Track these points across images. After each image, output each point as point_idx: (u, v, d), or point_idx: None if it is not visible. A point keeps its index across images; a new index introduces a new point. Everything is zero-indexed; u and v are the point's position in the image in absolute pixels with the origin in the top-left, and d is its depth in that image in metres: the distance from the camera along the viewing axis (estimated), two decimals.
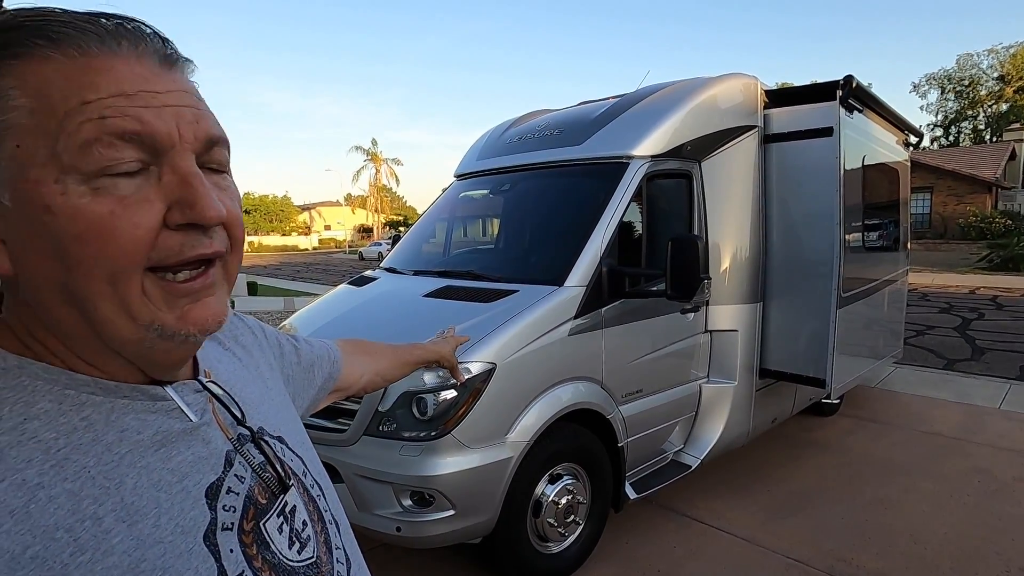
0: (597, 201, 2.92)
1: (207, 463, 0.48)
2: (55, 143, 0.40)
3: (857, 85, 3.32)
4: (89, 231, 0.41)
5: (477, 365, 2.30)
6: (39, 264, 0.42)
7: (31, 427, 0.40)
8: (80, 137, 0.40)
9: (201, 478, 0.47)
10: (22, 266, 0.42)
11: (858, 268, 3.84)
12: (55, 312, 0.44)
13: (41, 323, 0.45)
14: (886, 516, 3.26)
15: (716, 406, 3.39)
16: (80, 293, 0.42)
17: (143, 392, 0.46)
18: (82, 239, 0.41)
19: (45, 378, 0.43)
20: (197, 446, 0.48)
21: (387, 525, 2.28)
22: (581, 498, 2.70)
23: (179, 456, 0.46)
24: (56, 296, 0.43)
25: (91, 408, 0.43)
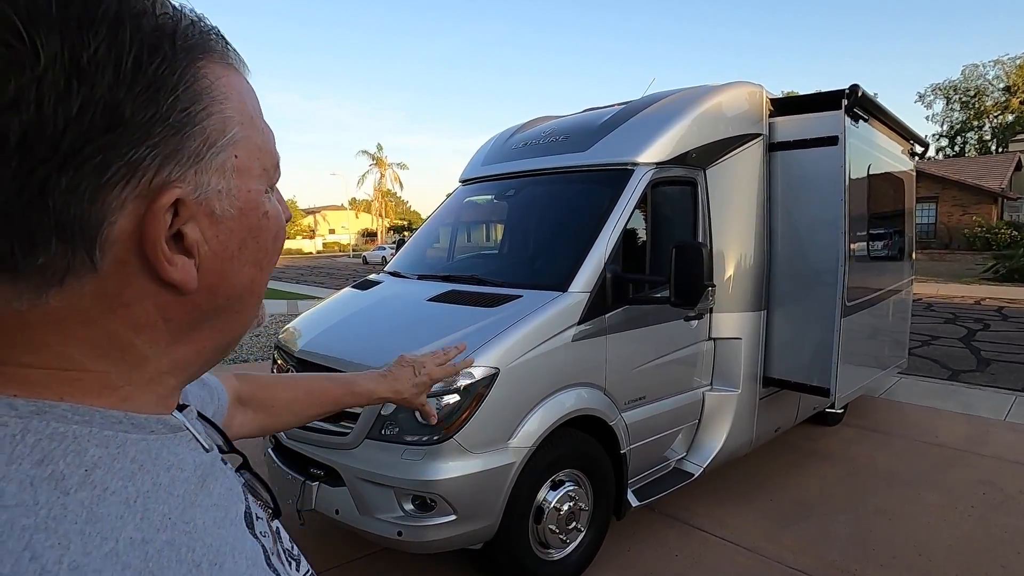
0: (602, 207, 2.93)
1: (234, 492, 0.46)
2: (264, 160, 0.44)
3: (863, 94, 3.32)
4: (280, 230, 0.46)
5: (480, 370, 2.30)
6: (241, 271, 0.43)
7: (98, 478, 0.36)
8: (277, 157, 0.46)
9: (237, 508, 0.45)
10: (213, 277, 0.41)
11: (863, 277, 3.83)
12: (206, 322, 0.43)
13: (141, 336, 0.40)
14: (890, 527, 3.24)
15: (719, 414, 3.38)
16: (258, 289, 0.45)
17: (164, 424, 0.42)
18: (278, 237, 0.46)
19: (77, 420, 0.37)
20: (221, 476, 0.45)
21: (388, 529, 2.28)
22: (583, 505, 2.69)
23: (216, 489, 0.43)
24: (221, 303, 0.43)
25: (133, 448, 0.39)
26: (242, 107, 0.42)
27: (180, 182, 0.37)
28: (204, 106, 0.38)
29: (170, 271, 0.38)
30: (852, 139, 3.37)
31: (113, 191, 0.34)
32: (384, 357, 2.40)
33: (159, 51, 0.36)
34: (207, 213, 0.39)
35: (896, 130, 4.46)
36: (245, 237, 0.42)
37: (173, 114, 0.36)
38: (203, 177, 0.39)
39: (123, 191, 0.35)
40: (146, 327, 0.40)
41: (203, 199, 0.39)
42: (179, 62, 0.37)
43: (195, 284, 0.40)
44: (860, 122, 3.55)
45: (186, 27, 0.38)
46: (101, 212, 0.34)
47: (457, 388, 2.26)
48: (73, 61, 0.32)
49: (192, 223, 0.39)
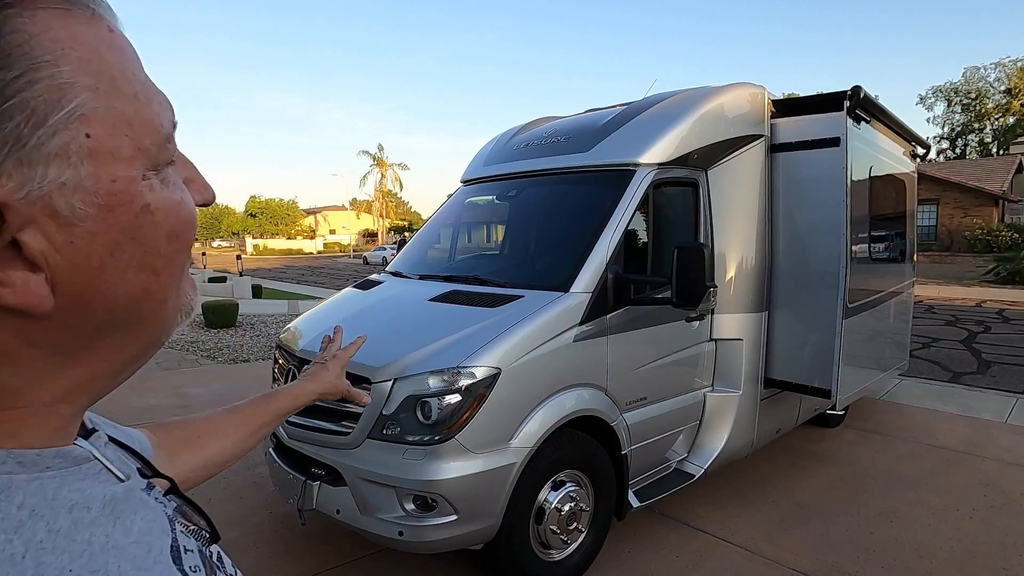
0: (603, 208, 2.93)
1: (157, 525, 0.40)
2: (138, 134, 0.34)
3: (865, 96, 3.32)
4: (179, 224, 0.37)
5: (482, 370, 2.30)
6: (121, 280, 0.34)
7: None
8: (164, 130, 0.36)
9: (161, 543, 0.39)
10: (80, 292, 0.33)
11: (864, 279, 3.83)
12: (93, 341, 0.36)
13: None
14: (891, 529, 3.23)
15: (720, 415, 3.37)
16: (159, 295, 0.37)
17: (64, 456, 0.36)
18: (175, 235, 0.37)
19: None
20: (141, 508, 0.39)
21: (390, 529, 2.28)
22: (584, 505, 2.69)
23: (136, 524, 0.37)
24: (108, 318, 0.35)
25: (21, 492, 0.32)
26: (95, 67, 0.32)
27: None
28: (19, 72, 0.29)
29: (3, 294, 0.30)
30: (854, 141, 3.37)
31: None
32: (386, 357, 2.40)
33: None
34: (49, 214, 0.30)
35: (898, 132, 4.46)
36: (118, 239, 0.33)
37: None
38: (33, 170, 0.30)
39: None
40: (5, 357, 0.33)
41: (37, 197, 0.30)
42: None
43: (49, 303, 0.32)
44: (862, 124, 3.55)
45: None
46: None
47: (459, 388, 2.27)
48: None
49: (31, 230, 0.30)
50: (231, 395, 5.61)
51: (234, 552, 0.41)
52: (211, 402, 5.44)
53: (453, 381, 2.27)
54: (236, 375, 6.67)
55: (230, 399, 3.45)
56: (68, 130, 0.30)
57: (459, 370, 2.28)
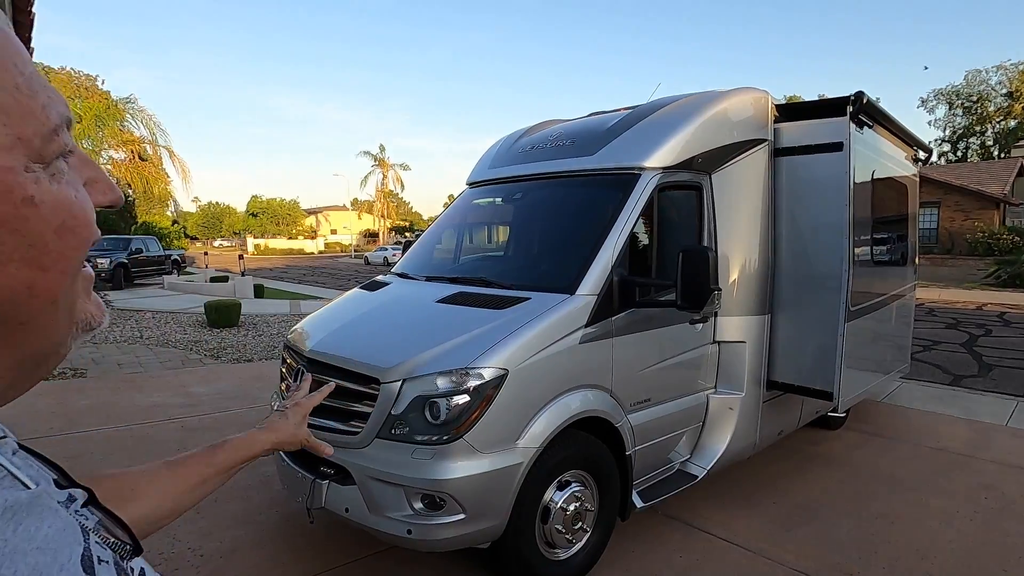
0: (609, 211, 2.96)
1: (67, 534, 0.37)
2: (16, 125, 0.33)
3: (867, 101, 3.35)
4: (70, 219, 0.36)
5: (489, 371, 2.33)
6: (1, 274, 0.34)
7: None
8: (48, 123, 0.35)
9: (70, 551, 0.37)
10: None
11: (866, 282, 3.86)
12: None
13: None
14: (892, 531, 3.26)
15: (723, 417, 3.40)
16: (46, 294, 0.36)
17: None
18: (66, 229, 0.36)
19: None
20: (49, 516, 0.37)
21: (398, 527, 2.31)
22: (589, 505, 2.72)
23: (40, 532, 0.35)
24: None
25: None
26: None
27: None
28: None
29: None
30: (857, 145, 3.40)
31: None
32: (395, 358, 2.44)
33: None
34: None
35: (900, 136, 4.49)
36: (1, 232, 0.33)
37: None
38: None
39: None
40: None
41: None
42: None
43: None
44: (865, 128, 3.58)
45: None
46: None
47: (467, 389, 2.30)
48: None
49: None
50: (235, 394, 5.67)
51: (241, 550, 0.35)
52: (216, 401, 5.48)
53: (461, 382, 2.30)
54: (240, 374, 6.70)
55: (234, 398, 3.54)
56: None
57: (467, 371, 2.31)
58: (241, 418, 5.00)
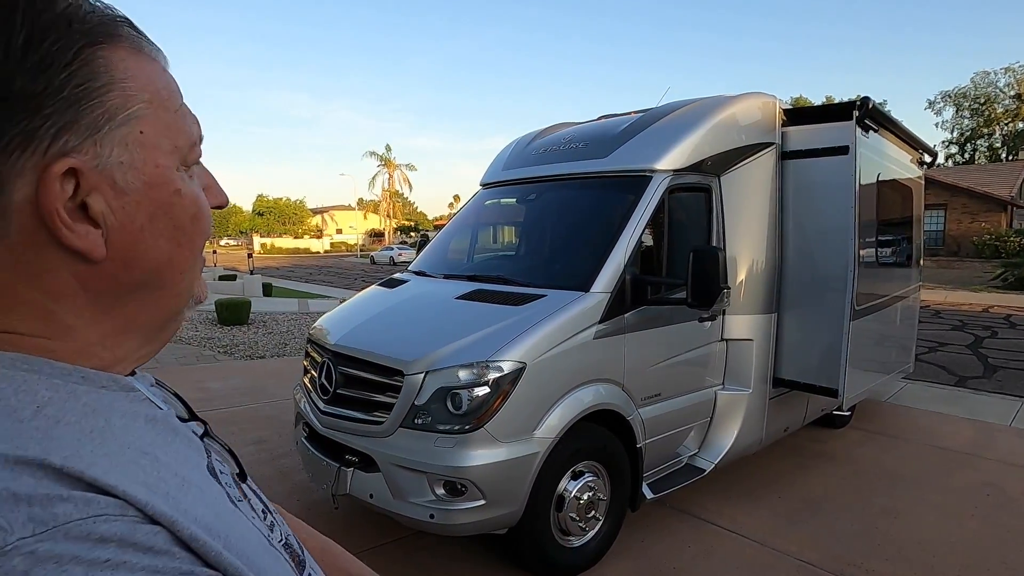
0: (621, 212, 3.06)
1: (194, 447, 0.47)
2: (175, 137, 0.45)
3: (873, 106, 3.45)
4: (200, 211, 0.47)
5: (509, 364, 2.44)
6: (154, 244, 0.44)
7: (51, 413, 0.37)
8: (193, 137, 0.47)
9: (198, 459, 0.46)
10: (124, 249, 0.43)
11: (871, 283, 3.95)
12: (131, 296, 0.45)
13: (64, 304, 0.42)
14: (895, 525, 3.35)
15: (730, 413, 3.50)
16: (179, 266, 0.46)
17: (116, 382, 0.44)
18: (196, 219, 0.47)
19: (24, 368, 0.39)
20: (181, 432, 0.47)
21: (421, 512, 2.42)
22: (601, 495, 2.82)
23: (174, 442, 0.44)
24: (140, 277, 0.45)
25: (84, 396, 0.41)
26: (150, 88, 0.44)
27: (77, 152, 0.39)
28: (103, 83, 0.40)
29: (70, 237, 0.40)
30: (862, 149, 3.49)
31: (10, 159, 0.37)
32: (418, 351, 2.55)
33: (52, 32, 0.39)
34: (110, 184, 0.41)
35: (905, 140, 4.58)
36: (155, 211, 0.44)
37: (68, 88, 0.39)
38: (103, 148, 0.40)
39: (20, 159, 0.37)
40: (65, 296, 0.42)
41: (104, 169, 0.41)
42: (74, 42, 0.40)
43: (102, 252, 0.41)
44: (870, 132, 3.67)
45: (86, 13, 0.41)
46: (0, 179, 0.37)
47: (487, 381, 2.41)
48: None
49: (96, 194, 0.40)
50: (251, 390, 5.80)
51: None
52: (230, 396, 5.61)
53: (482, 374, 2.41)
54: (254, 371, 6.84)
55: (248, 393, 3.72)
56: (128, 126, 0.42)
57: (487, 364, 2.42)
58: (256, 412, 5.13)
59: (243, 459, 0.65)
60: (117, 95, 0.41)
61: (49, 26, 0.39)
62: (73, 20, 0.40)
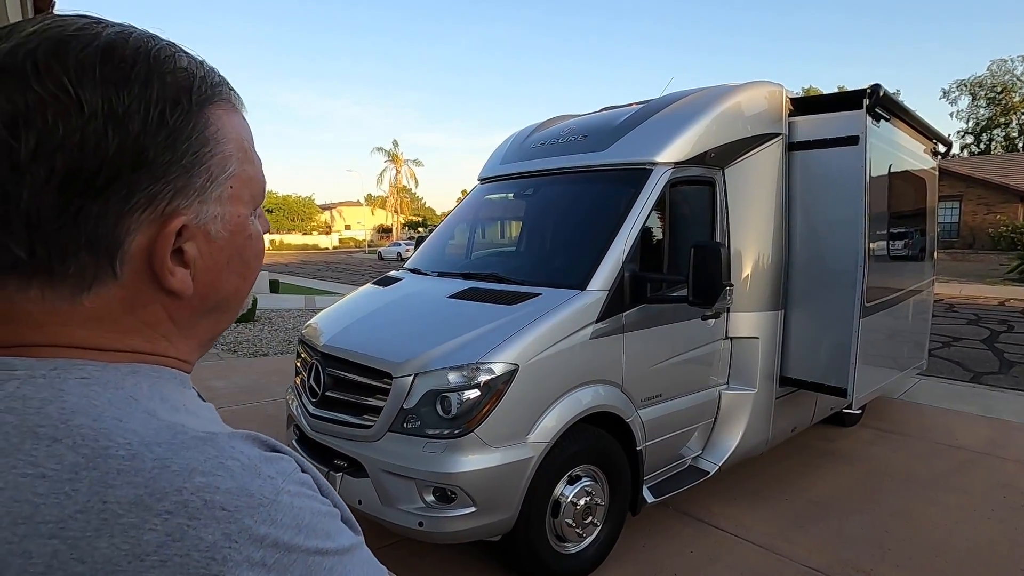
0: (620, 207, 2.96)
1: None
2: (253, 187, 0.51)
3: (884, 94, 3.31)
4: (261, 249, 0.55)
5: (500, 366, 2.35)
6: (228, 280, 0.51)
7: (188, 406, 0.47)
8: (264, 184, 0.54)
9: None
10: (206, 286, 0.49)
11: (882, 277, 3.82)
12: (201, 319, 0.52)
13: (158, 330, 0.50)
14: (906, 528, 3.23)
15: (735, 413, 3.39)
16: (242, 295, 0.54)
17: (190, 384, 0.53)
18: (259, 254, 0.54)
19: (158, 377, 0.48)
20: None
21: (409, 520, 2.35)
22: (599, 500, 2.73)
23: None
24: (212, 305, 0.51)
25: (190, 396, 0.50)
26: (240, 144, 0.49)
27: (186, 210, 0.45)
28: (210, 148, 0.46)
29: (171, 281, 0.46)
30: (873, 139, 3.35)
31: (133, 216, 0.42)
32: (407, 352, 2.47)
33: (179, 105, 0.44)
34: (204, 234, 0.47)
35: (918, 129, 4.42)
36: (232, 254, 0.50)
37: (186, 157, 0.44)
38: (204, 206, 0.46)
39: (140, 216, 0.43)
40: (159, 324, 0.48)
41: (202, 223, 0.47)
42: (193, 113, 0.45)
43: (191, 291, 0.47)
44: (881, 122, 3.53)
45: (200, 81, 0.46)
46: (122, 233, 0.42)
47: (478, 383, 2.32)
48: (111, 113, 0.40)
49: (192, 242, 0.46)
50: (252, 388, 5.76)
51: None
52: (233, 395, 5.57)
53: (472, 377, 2.33)
54: (256, 369, 6.81)
55: (250, 392, 3.63)
56: (225, 184, 0.48)
57: (478, 366, 2.33)
58: (257, 411, 5.09)
59: None
60: (219, 157, 0.47)
61: (177, 98, 0.44)
62: (192, 90, 0.45)
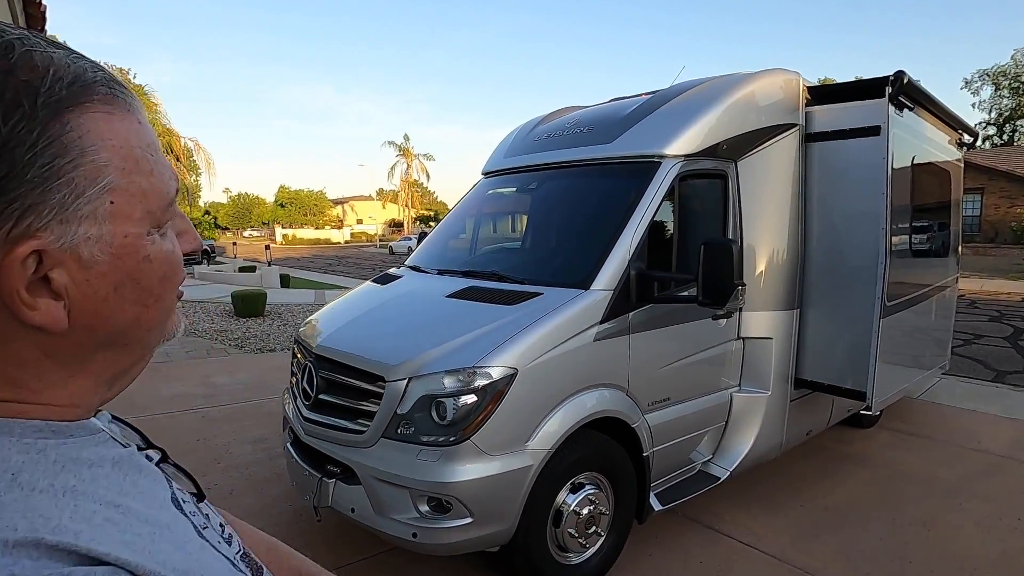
0: (627, 202, 2.82)
1: (156, 480, 0.48)
2: (149, 202, 0.43)
3: (908, 81, 3.13)
4: (170, 270, 0.47)
5: (498, 370, 2.24)
6: (119, 310, 0.43)
7: (24, 480, 0.38)
8: (168, 197, 0.46)
9: (163, 493, 0.48)
10: (88, 318, 0.42)
11: (904, 274, 3.64)
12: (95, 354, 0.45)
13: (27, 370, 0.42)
14: (928, 538, 3.08)
15: (748, 416, 3.26)
16: (146, 325, 0.46)
17: (83, 427, 0.45)
18: (166, 278, 0.46)
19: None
20: (144, 468, 0.48)
21: (403, 530, 2.25)
22: (603, 509, 2.62)
23: (140, 479, 0.46)
24: (104, 339, 0.44)
25: (54, 452, 0.41)
26: (123, 152, 0.41)
27: (42, 232, 0.38)
28: (71, 159, 0.38)
29: (31, 316, 0.39)
30: (896, 129, 3.18)
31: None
32: (401, 355, 2.37)
33: (17, 109, 0.36)
34: (74, 259, 0.40)
35: (944, 119, 4.21)
36: (122, 280, 0.43)
37: (32, 170, 0.37)
38: (69, 227, 0.39)
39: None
40: (29, 362, 0.42)
41: (68, 247, 0.39)
42: (38, 119, 0.37)
43: (63, 325, 0.40)
44: (905, 111, 3.35)
45: (53, 82, 0.38)
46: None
47: (474, 388, 2.21)
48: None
49: (59, 269, 0.39)
50: (256, 385, 5.71)
51: None
52: (236, 392, 5.53)
53: (469, 381, 2.22)
54: (262, 365, 6.77)
55: (254, 388, 3.53)
56: (99, 199, 0.40)
57: (475, 370, 2.22)
58: (259, 408, 5.03)
59: (241, 458, 0.60)
60: (87, 168, 0.39)
61: (15, 102, 0.37)
62: (40, 91, 0.38)
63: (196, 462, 3.74)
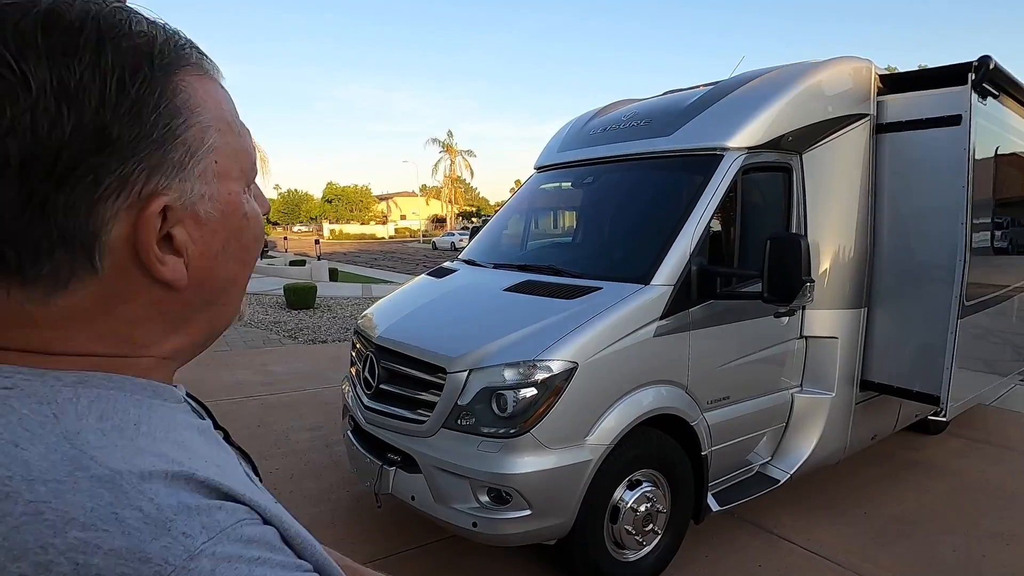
0: (687, 196, 2.77)
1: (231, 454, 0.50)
2: (241, 161, 0.47)
3: (995, 67, 2.93)
4: (260, 229, 0.50)
5: (558, 364, 2.24)
6: (225, 267, 0.46)
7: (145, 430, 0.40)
8: (254, 157, 0.49)
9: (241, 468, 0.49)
10: (201, 274, 0.44)
11: (983, 273, 3.43)
12: (198, 313, 0.47)
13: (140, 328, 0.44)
14: (1007, 553, 2.91)
15: (809, 418, 3.15)
16: (241, 283, 0.50)
17: (172, 394, 0.46)
18: (257, 237, 0.49)
19: (110, 386, 0.42)
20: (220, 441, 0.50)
21: (463, 520, 2.28)
22: (660, 506, 2.59)
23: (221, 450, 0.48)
24: (209, 296, 0.47)
25: (159, 410, 0.43)
26: (219, 113, 0.44)
27: (167, 190, 0.40)
28: (184, 119, 0.41)
29: (162, 271, 0.41)
30: (978, 118, 2.99)
31: (106, 204, 0.38)
32: (462, 347, 2.40)
33: (139, 72, 0.38)
34: (193, 216, 0.43)
35: None
36: (228, 237, 0.46)
37: (156, 130, 0.39)
38: (187, 184, 0.42)
39: (115, 203, 0.38)
40: (144, 320, 0.44)
41: (188, 204, 0.42)
42: (158, 80, 0.39)
43: (185, 281, 0.43)
44: (988, 99, 3.15)
45: (162, 44, 0.41)
46: (97, 223, 0.38)
47: (535, 381, 2.22)
48: (62, 88, 0.35)
49: (180, 226, 0.42)
50: (311, 374, 5.91)
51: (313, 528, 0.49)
52: (292, 380, 5.73)
53: (529, 374, 2.22)
54: (315, 355, 7.00)
55: (310, 378, 3.65)
56: (207, 158, 0.43)
57: (535, 363, 2.23)
58: (315, 397, 5.20)
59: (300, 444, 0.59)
60: (196, 129, 0.42)
61: (137, 64, 0.38)
62: (153, 55, 0.40)
63: (258, 446, 3.90)
